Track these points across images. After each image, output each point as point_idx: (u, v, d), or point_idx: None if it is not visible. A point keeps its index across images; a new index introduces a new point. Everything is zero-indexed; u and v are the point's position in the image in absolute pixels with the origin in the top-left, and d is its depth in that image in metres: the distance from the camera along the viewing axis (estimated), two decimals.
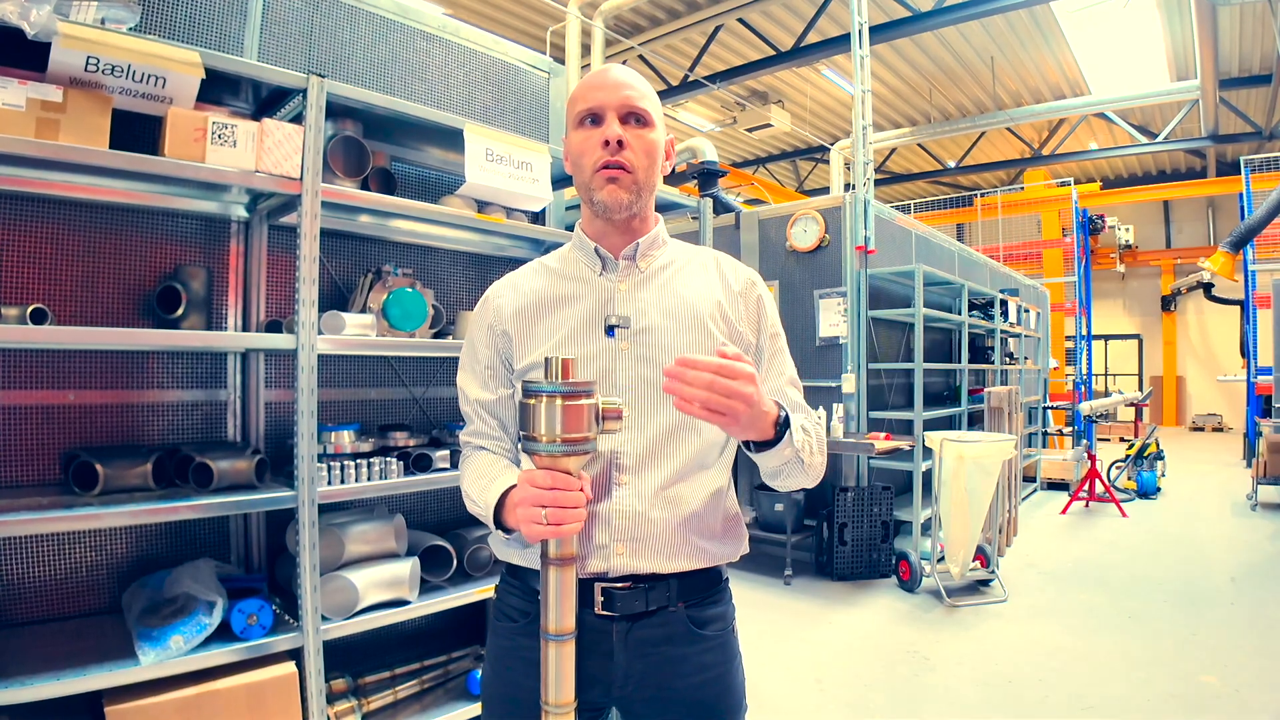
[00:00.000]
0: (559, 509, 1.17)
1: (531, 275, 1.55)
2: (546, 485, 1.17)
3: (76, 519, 1.99)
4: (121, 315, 2.48)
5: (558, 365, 1.17)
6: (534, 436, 1.19)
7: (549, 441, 1.17)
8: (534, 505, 1.18)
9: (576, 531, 1.20)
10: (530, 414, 1.18)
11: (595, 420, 1.20)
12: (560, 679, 1.23)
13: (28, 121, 1.96)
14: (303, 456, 2.28)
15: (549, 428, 1.17)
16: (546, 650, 1.23)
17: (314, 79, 2.30)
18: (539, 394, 1.18)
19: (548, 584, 1.22)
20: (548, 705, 1.23)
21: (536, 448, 1.19)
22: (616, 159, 1.38)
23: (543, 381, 1.18)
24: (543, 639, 1.23)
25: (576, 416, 1.17)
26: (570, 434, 1.17)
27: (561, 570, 1.22)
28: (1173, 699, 3.76)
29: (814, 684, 3.99)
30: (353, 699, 2.56)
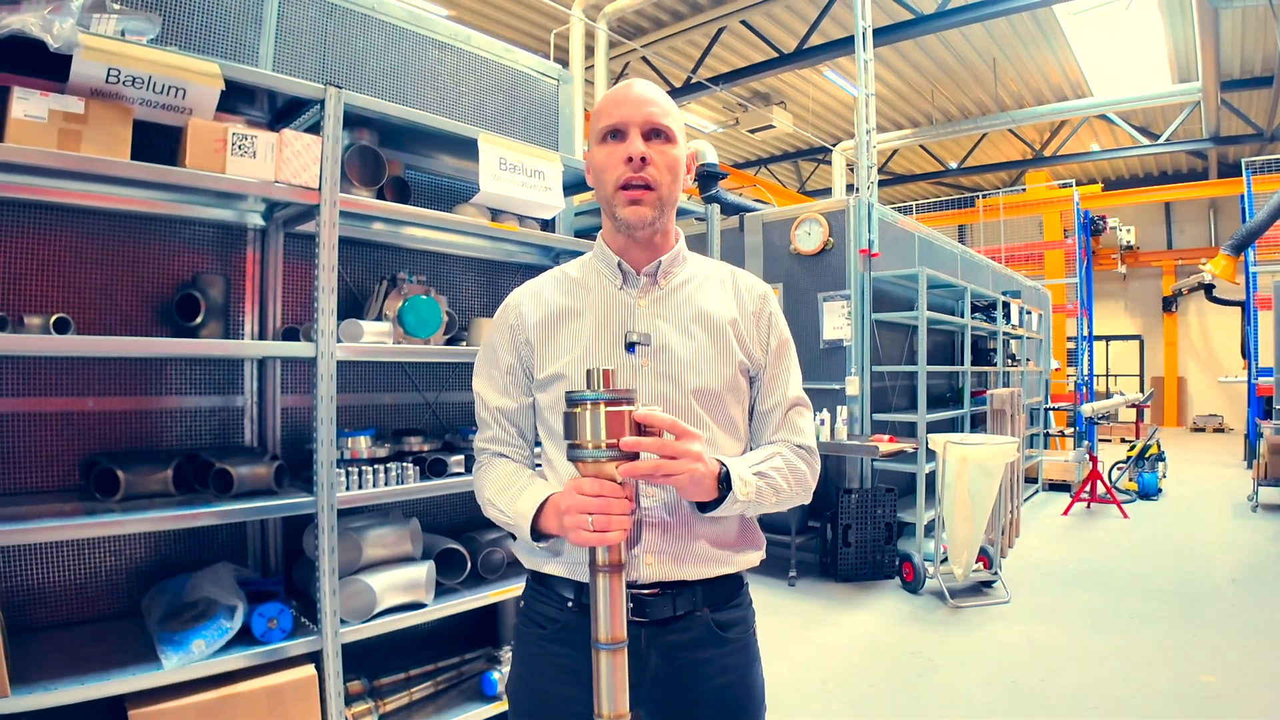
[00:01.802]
0: (605, 515, 1.19)
1: (553, 284, 1.56)
2: (594, 493, 1.20)
3: (101, 525, 2.02)
4: (139, 322, 2.51)
5: (599, 375, 1.21)
6: (579, 444, 1.22)
7: (594, 448, 1.21)
8: (581, 512, 1.20)
9: (622, 539, 1.22)
10: (575, 422, 1.21)
11: (635, 428, 1.23)
12: (614, 689, 1.23)
13: (50, 133, 1.99)
14: (322, 462, 2.31)
15: (594, 434, 1.20)
16: (598, 660, 1.23)
17: (331, 90, 2.33)
18: (583, 402, 1.21)
19: (597, 592, 1.23)
20: (601, 718, 1.23)
21: (582, 454, 1.22)
22: (640, 176, 1.41)
23: (586, 390, 1.22)
24: (594, 649, 1.23)
25: (619, 422, 1.21)
26: (614, 439, 1.20)
27: (611, 578, 1.23)
28: (1174, 699, 3.79)
29: (819, 684, 4.02)
30: (369, 700, 2.59)
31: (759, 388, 1.55)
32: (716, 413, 1.47)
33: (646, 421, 1.23)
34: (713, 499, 1.33)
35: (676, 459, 1.24)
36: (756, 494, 1.37)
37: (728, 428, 1.49)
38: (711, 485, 1.31)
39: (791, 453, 1.50)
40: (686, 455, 1.25)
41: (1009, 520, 6.74)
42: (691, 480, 1.26)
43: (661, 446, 1.23)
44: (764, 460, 1.43)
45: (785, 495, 1.45)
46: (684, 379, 1.44)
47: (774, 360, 1.55)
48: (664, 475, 1.24)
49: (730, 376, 1.48)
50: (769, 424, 1.54)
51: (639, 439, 1.21)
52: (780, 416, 1.54)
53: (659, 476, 1.24)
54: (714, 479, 1.31)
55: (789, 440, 1.52)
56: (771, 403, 1.54)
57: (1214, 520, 8.21)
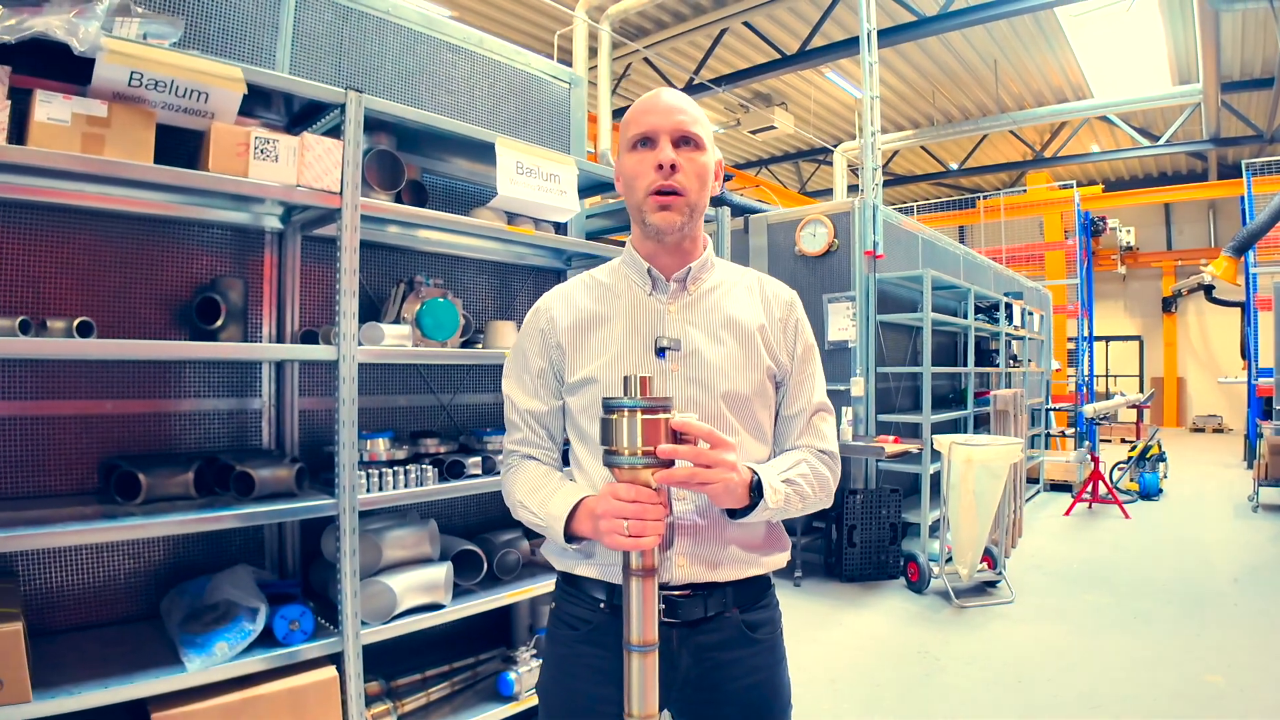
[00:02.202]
0: (641, 521, 1.21)
1: (583, 289, 1.58)
2: (629, 499, 1.22)
3: (125, 529, 2.03)
4: (156, 325, 2.52)
5: (637, 382, 1.23)
6: (616, 450, 1.24)
7: (630, 454, 1.22)
8: (617, 517, 1.22)
9: (656, 544, 1.24)
10: (613, 428, 1.23)
11: (671, 436, 1.24)
12: (644, 690, 1.25)
13: (73, 136, 1.99)
14: (344, 465, 2.32)
15: (630, 441, 1.22)
16: (630, 662, 1.25)
17: (352, 94, 2.34)
18: (620, 409, 1.23)
19: (630, 596, 1.25)
20: (632, 718, 1.25)
21: (618, 460, 1.23)
22: (669, 183, 1.42)
23: (624, 397, 1.23)
24: (625, 650, 1.26)
25: (655, 430, 1.22)
26: (650, 446, 1.22)
27: (644, 581, 1.25)
28: (1180, 698, 3.81)
29: (828, 684, 4.04)
30: (388, 701, 2.60)
31: (784, 393, 1.56)
32: (744, 417, 1.49)
33: (683, 429, 1.25)
34: (744, 506, 1.35)
35: (712, 468, 1.25)
36: (785, 501, 1.39)
37: (755, 432, 1.51)
38: (743, 493, 1.33)
39: (816, 459, 1.52)
40: (721, 464, 1.26)
41: (1012, 520, 6.76)
42: (725, 489, 1.28)
43: (697, 455, 1.25)
44: (791, 468, 1.45)
45: (810, 501, 1.47)
46: (714, 384, 1.46)
47: (799, 366, 1.57)
48: (699, 483, 1.26)
49: (758, 381, 1.50)
50: (793, 429, 1.56)
51: (675, 447, 1.23)
52: (805, 422, 1.56)
53: (694, 484, 1.26)
54: (746, 487, 1.33)
55: (813, 445, 1.54)
56: (797, 408, 1.56)
57: (1215, 520, 8.24)
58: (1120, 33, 11.35)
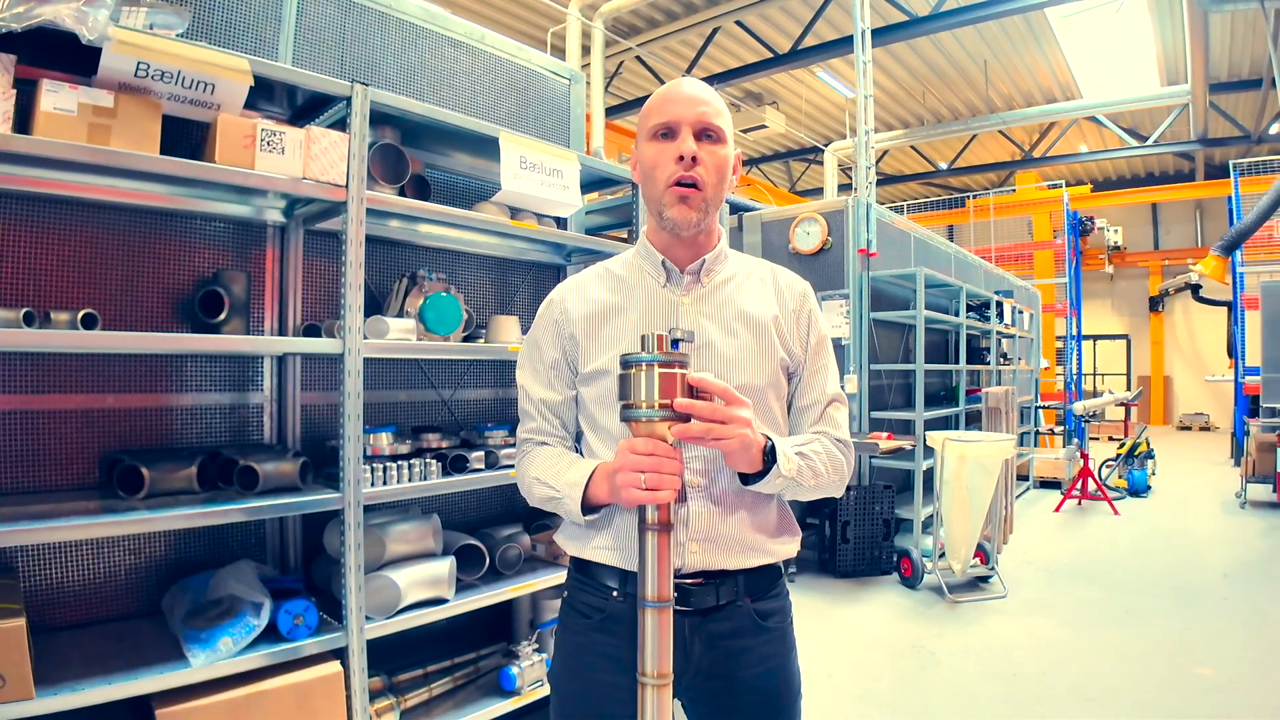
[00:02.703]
0: (657, 474, 1.22)
1: (597, 280, 1.58)
2: (646, 451, 1.22)
3: (129, 524, 2.01)
4: (159, 318, 2.51)
5: (653, 338, 1.24)
6: (633, 404, 1.24)
7: (648, 407, 1.23)
8: (633, 470, 1.23)
9: (672, 498, 1.24)
10: (630, 382, 1.24)
11: (688, 392, 1.25)
12: (659, 649, 1.24)
13: (79, 126, 1.97)
14: (349, 459, 2.31)
15: (648, 393, 1.23)
16: (644, 619, 1.25)
17: (358, 87, 2.34)
18: (638, 363, 1.24)
19: (645, 550, 1.25)
20: (645, 677, 1.24)
21: (635, 414, 1.24)
22: (689, 175, 1.42)
23: (641, 352, 1.25)
24: (640, 607, 1.25)
25: (671, 384, 1.23)
26: (666, 400, 1.23)
27: (659, 536, 1.25)
28: (1171, 691, 3.84)
29: (825, 678, 4.06)
30: (391, 696, 2.60)
31: (798, 384, 1.57)
32: (758, 408, 1.49)
33: (699, 385, 1.25)
34: (757, 470, 1.35)
35: (727, 424, 1.26)
36: (798, 472, 1.39)
37: (769, 423, 1.51)
38: (757, 456, 1.33)
39: (831, 442, 1.52)
40: (737, 420, 1.27)
41: (1004, 516, 6.80)
42: (741, 445, 1.28)
43: (713, 411, 1.25)
44: (806, 443, 1.46)
45: (822, 480, 1.47)
46: (727, 375, 1.45)
47: (813, 357, 1.57)
48: (714, 439, 1.26)
49: (772, 373, 1.50)
50: (807, 419, 1.56)
51: (692, 401, 1.24)
52: (818, 413, 1.56)
53: (709, 440, 1.26)
54: (760, 450, 1.33)
55: (827, 433, 1.54)
56: (810, 399, 1.56)
57: (1204, 516, 8.31)
58: (1109, 34, 11.43)
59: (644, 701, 1.25)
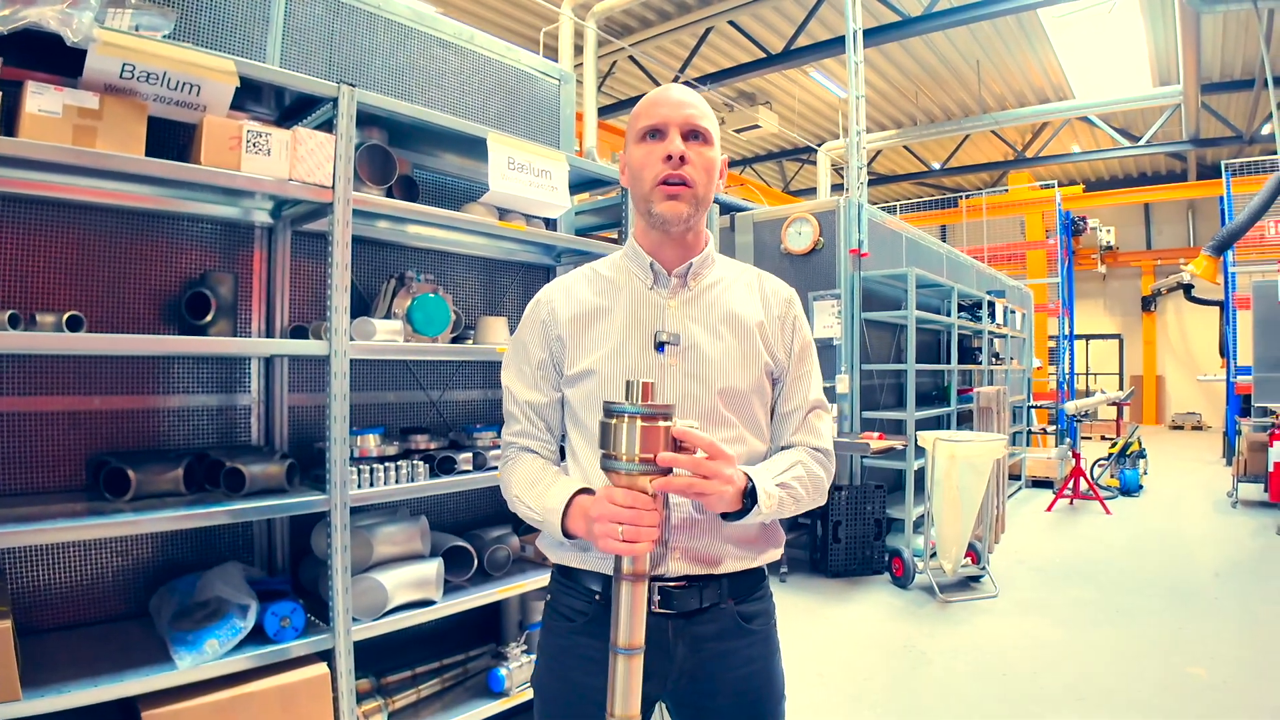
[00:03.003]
0: (635, 527, 1.21)
1: (584, 282, 1.58)
2: (625, 504, 1.22)
3: (115, 526, 2.01)
4: (146, 320, 2.50)
5: (639, 388, 1.22)
6: (614, 455, 1.23)
7: (628, 460, 1.22)
8: (611, 521, 1.22)
9: (650, 550, 1.24)
10: (611, 433, 1.23)
11: (671, 444, 1.24)
12: (628, 693, 1.25)
13: (65, 128, 1.97)
14: (335, 460, 2.31)
15: (629, 447, 1.22)
16: (615, 664, 1.25)
17: (345, 88, 2.33)
18: (621, 414, 1.22)
19: (619, 599, 1.25)
20: (614, 718, 1.25)
21: (616, 465, 1.23)
22: (678, 174, 1.43)
23: (624, 403, 1.23)
24: (611, 652, 1.26)
25: (654, 437, 1.22)
26: (647, 454, 1.22)
27: (634, 586, 1.25)
28: (1164, 690, 3.85)
29: (816, 677, 4.06)
30: (378, 698, 2.59)
31: (781, 389, 1.57)
32: (742, 412, 1.50)
33: (683, 438, 1.25)
34: (737, 510, 1.36)
35: (709, 479, 1.26)
36: (778, 505, 1.40)
37: (752, 427, 1.52)
38: (736, 499, 1.34)
39: (811, 458, 1.53)
40: (719, 477, 1.27)
41: (995, 516, 6.81)
42: (720, 499, 1.30)
43: (696, 465, 1.25)
44: (786, 470, 1.46)
45: (804, 503, 1.48)
46: (711, 379, 1.46)
47: (796, 363, 1.58)
48: (695, 493, 1.27)
49: (756, 378, 1.51)
50: (789, 425, 1.57)
51: (675, 456, 1.23)
52: (800, 419, 1.57)
53: (691, 493, 1.27)
54: (740, 493, 1.34)
55: (807, 443, 1.55)
56: (793, 405, 1.57)
57: (1195, 516, 8.34)
58: (1102, 34, 11.45)
59: None
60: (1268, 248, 11.59)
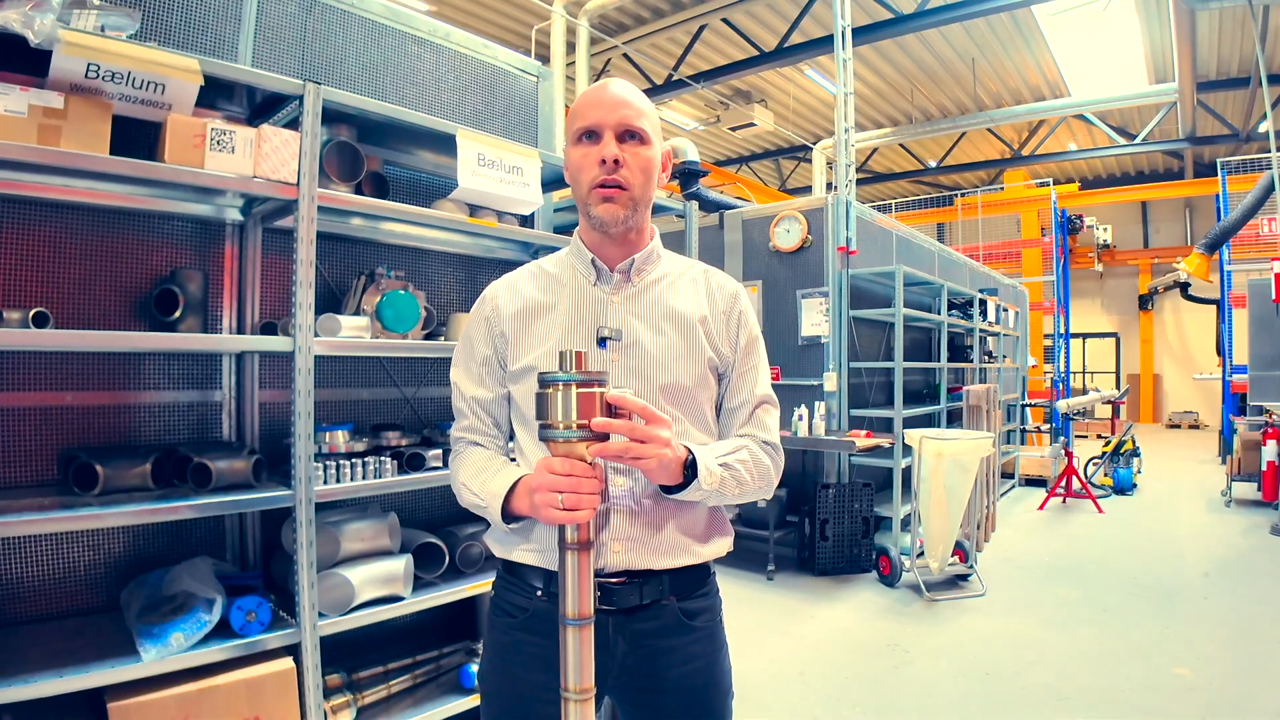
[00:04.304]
0: (575, 494, 1.22)
1: (529, 278, 1.59)
2: (564, 472, 1.23)
3: (79, 519, 2.02)
4: (117, 317, 2.51)
5: (572, 357, 1.24)
6: (550, 424, 1.24)
7: (565, 428, 1.23)
8: (551, 490, 1.23)
9: (591, 517, 1.25)
10: (547, 402, 1.24)
11: (606, 410, 1.25)
12: (580, 665, 1.26)
13: (29, 127, 1.98)
14: (300, 456, 2.32)
15: (564, 415, 1.23)
16: (565, 636, 1.26)
17: (310, 86, 2.34)
18: (555, 383, 1.24)
19: (565, 569, 1.26)
20: (568, 692, 1.26)
21: (553, 434, 1.24)
22: (613, 178, 1.43)
23: (558, 371, 1.24)
24: (561, 624, 1.26)
25: (589, 403, 1.23)
26: (584, 419, 1.23)
27: (579, 555, 1.26)
28: (1148, 691, 3.86)
29: (796, 676, 4.07)
30: (348, 693, 2.60)
31: (727, 384, 1.58)
32: (687, 407, 1.51)
33: (617, 403, 1.25)
34: (678, 484, 1.36)
35: (646, 443, 1.26)
36: (720, 483, 1.40)
37: (698, 422, 1.53)
38: (677, 470, 1.34)
39: (758, 447, 1.53)
40: (655, 440, 1.27)
41: (985, 515, 6.83)
42: (660, 464, 1.29)
43: (631, 429, 1.26)
44: (731, 452, 1.46)
45: (748, 488, 1.48)
46: (652, 374, 1.47)
47: (742, 358, 1.58)
48: (632, 458, 1.27)
49: (700, 373, 1.51)
50: (736, 420, 1.58)
51: (609, 420, 1.24)
52: (747, 414, 1.57)
53: (628, 458, 1.27)
54: (680, 465, 1.34)
55: (755, 435, 1.56)
56: (739, 400, 1.58)
57: (1188, 515, 8.34)
58: (1097, 32, 11.47)
59: (567, 716, 1.27)
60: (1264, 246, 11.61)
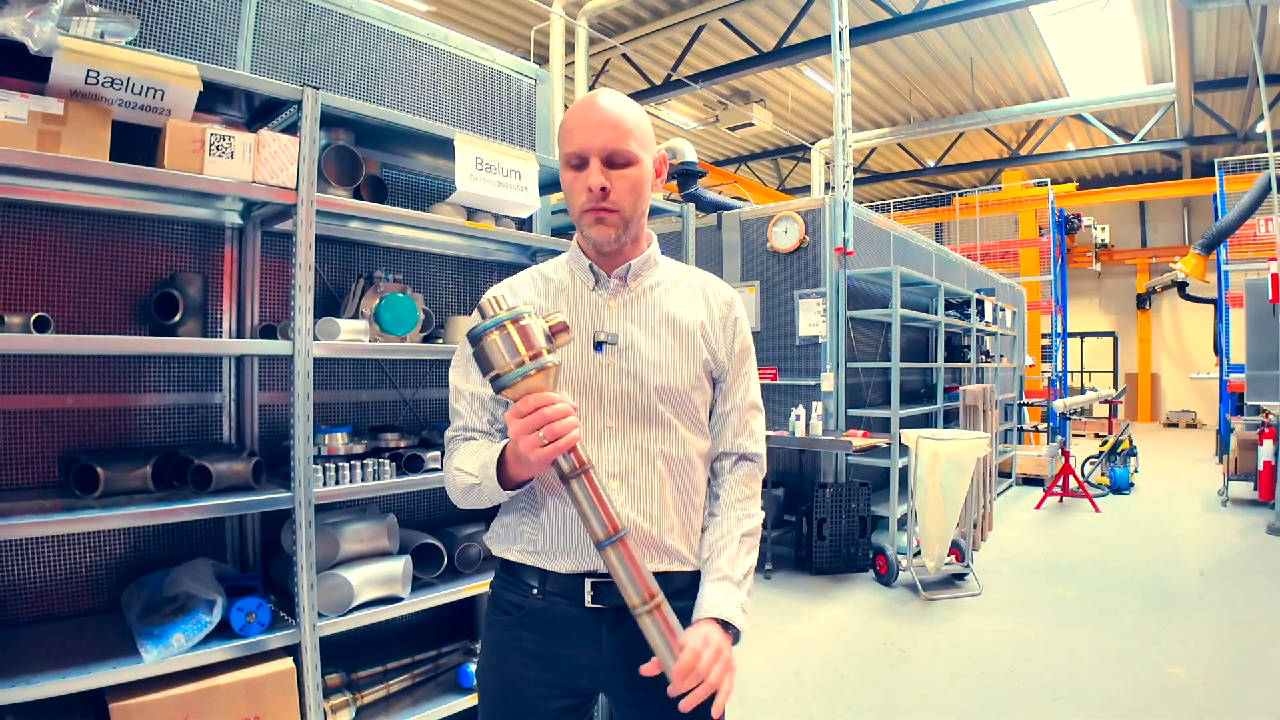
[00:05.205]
0: (551, 425, 1.23)
1: (529, 283, 1.63)
2: (531, 409, 1.23)
3: (81, 521, 2.03)
4: (117, 320, 2.53)
5: (492, 302, 1.25)
6: (499, 373, 1.24)
7: (516, 367, 1.23)
8: (528, 432, 1.24)
9: (578, 439, 1.26)
10: (487, 353, 1.24)
11: (546, 336, 1.26)
12: (634, 579, 1.30)
13: (29, 134, 2.00)
14: (299, 459, 2.34)
15: (510, 354, 1.23)
16: (609, 559, 1.30)
17: (308, 91, 2.36)
18: (486, 331, 1.24)
19: (578, 498, 1.28)
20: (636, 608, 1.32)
21: (505, 380, 1.24)
22: (602, 205, 1.46)
23: (484, 320, 1.24)
24: (600, 551, 1.30)
25: (527, 335, 1.24)
26: (530, 351, 1.24)
27: (583, 479, 1.27)
28: (1142, 690, 3.88)
29: (793, 676, 4.09)
30: (347, 693, 2.62)
31: (721, 390, 1.62)
32: (681, 410, 1.54)
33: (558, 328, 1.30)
34: None
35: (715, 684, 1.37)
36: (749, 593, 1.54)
37: (693, 425, 1.56)
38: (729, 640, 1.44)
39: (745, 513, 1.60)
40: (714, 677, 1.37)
41: (982, 514, 6.85)
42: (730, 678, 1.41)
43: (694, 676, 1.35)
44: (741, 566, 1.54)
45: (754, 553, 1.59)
46: (648, 378, 1.50)
47: (736, 365, 1.62)
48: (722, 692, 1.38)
49: (695, 377, 1.54)
50: (727, 425, 1.62)
51: None
52: (738, 420, 1.62)
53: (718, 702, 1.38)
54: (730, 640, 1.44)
55: (745, 449, 1.62)
56: (730, 405, 1.62)
57: (1184, 514, 8.37)
58: (1095, 32, 11.48)
59: (647, 630, 1.33)
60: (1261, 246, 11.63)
